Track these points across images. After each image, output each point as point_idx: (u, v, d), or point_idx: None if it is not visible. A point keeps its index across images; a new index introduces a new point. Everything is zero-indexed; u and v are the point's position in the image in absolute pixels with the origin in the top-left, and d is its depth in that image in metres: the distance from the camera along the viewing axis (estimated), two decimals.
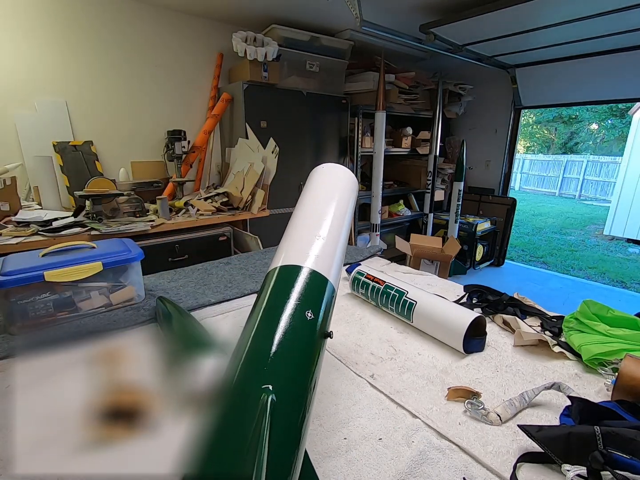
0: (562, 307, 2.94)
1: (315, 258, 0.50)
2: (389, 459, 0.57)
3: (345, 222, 0.60)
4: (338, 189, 0.64)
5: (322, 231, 0.54)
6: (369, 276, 1.13)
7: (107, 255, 1.00)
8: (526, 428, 0.57)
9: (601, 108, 11.90)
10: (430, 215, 3.61)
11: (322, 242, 0.53)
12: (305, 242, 0.52)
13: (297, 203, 0.62)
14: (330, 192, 0.63)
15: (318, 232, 0.54)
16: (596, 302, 0.88)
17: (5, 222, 1.74)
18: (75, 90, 2.20)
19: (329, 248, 0.53)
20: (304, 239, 0.53)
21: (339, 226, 0.58)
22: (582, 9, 2.01)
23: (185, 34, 2.54)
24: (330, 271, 0.51)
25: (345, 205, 0.63)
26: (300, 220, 0.57)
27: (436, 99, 3.31)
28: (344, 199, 0.63)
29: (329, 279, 0.50)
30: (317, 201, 0.60)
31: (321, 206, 0.59)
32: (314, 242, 0.52)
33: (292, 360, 0.39)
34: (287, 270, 0.49)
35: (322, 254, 0.51)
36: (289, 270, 0.49)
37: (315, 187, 0.63)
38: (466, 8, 2.17)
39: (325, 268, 0.50)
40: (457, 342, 0.86)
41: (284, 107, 2.65)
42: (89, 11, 2.16)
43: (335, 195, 0.63)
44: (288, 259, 0.50)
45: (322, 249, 0.52)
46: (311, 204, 0.59)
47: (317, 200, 0.61)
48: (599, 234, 6.48)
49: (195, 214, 2.15)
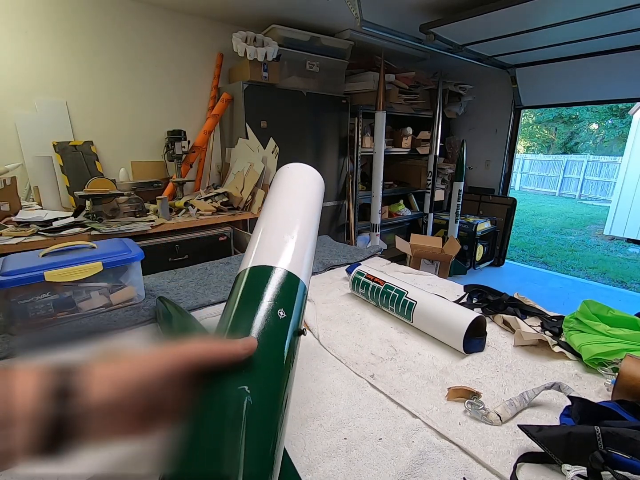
0: (562, 307, 2.93)
1: (286, 258, 0.50)
2: (389, 459, 0.57)
3: (314, 222, 0.60)
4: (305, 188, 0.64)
5: (291, 231, 0.54)
6: (369, 276, 1.13)
7: (107, 255, 1.00)
8: (526, 428, 0.57)
9: (601, 108, 11.91)
10: (430, 215, 3.61)
11: (292, 242, 0.53)
12: (275, 243, 0.52)
13: (264, 203, 0.61)
14: (298, 192, 0.63)
15: (287, 231, 0.54)
16: (596, 302, 0.88)
17: (5, 222, 1.74)
18: (75, 90, 2.21)
19: (300, 247, 0.53)
20: (274, 240, 0.52)
21: (308, 225, 0.57)
22: (582, 9, 2.01)
23: (185, 34, 2.54)
24: (301, 270, 0.51)
25: (313, 204, 0.62)
26: (268, 221, 0.56)
27: (436, 99, 3.31)
28: (311, 199, 0.63)
29: (300, 278, 0.50)
30: (285, 201, 0.60)
31: (289, 206, 0.59)
32: (284, 242, 0.52)
33: (268, 359, 0.39)
34: (258, 271, 0.48)
35: (293, 254, 0.51)
36: (260, 271, 0.48)
37: (282, 187, 0.63)
38: (466, 8, 2.18)
39: (296, 267, 0.50)
40: (457, 342, 0.86)
41: (284, 107, 2.65)
42: (90, 11, 2.16)
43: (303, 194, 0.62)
44: (258, 259, 0.50)
45: (292, 249, 0.52)
46: (279, 205, 0.59)
47: (285, 200, 0.60)
48: (599, 234, 6.48)
49: (195, 214, 2.15)
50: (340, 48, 2.90)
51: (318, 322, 1.04)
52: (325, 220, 3.19)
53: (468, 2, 2.19)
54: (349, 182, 3.23)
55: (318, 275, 1.42)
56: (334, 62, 2.90)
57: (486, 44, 2.70)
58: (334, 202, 3.20)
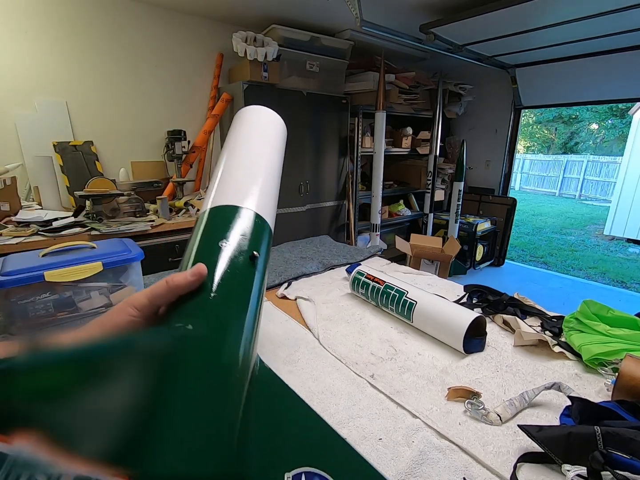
0: (562, 307, 2.93)
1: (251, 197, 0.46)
2: (389, 459, 0.57)
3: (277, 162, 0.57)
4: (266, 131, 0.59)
5: (255, 171, 0.51)
6: (369, 276, 1.13)
7: (107, 256, 1.00)
8: (526, 428, 0.57)
9: (601, 108, 11.90)
10: (430, 215, 3.61)
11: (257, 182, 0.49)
12: (240, 183, 0.48)
13: (224, 145, 0.56)
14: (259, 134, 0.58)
15: (251, 172, 0.50)
16: (596, 302, 0.88)
17: (5, 222, 1.74)
18: (76, 90, 2.21)
19: (265, 188, 0.50)
20: (238, 180, 0.49)
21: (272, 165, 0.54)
22: (582, 9, 2.01)
23: (185, 34, 2.54)
24: (267, 212, 0.47)
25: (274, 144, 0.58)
26: (230, 161, 0.52)
27: (436, 99, 3.31)
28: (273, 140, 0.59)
29: (266, 219, 0.46)
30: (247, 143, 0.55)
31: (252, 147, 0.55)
32: (248, 182, 0.49)
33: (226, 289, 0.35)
34: (221, 211, 0.44)
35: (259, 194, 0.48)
36: (223, 211, 0.44)
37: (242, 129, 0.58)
38: (466, 8, 2.17)
39: (261, 208, 0.46)
40: (457, 342, 0.86)
41: (284, 107, 2.65)
42: (90, 11, 2.16)
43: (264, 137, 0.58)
44: (221, 199, 0.46)
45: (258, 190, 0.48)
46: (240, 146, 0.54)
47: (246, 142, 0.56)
48: (599, 234, 6.48)
49: (196, 214, 2.15)
50: (340, 48, 2.90)
51: (318, 322, 1.04)
52: (325, 220, 3.19)
53: (468, 2, 2.19)
54: (349, 182, 3.23)
55: (318, 275, 1.42)
56: (334, 62, 2.90)
57: (486, 44, 2.70)
58: (334, 202, 3.20)
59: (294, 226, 2.91)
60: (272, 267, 1.44)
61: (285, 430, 0.31)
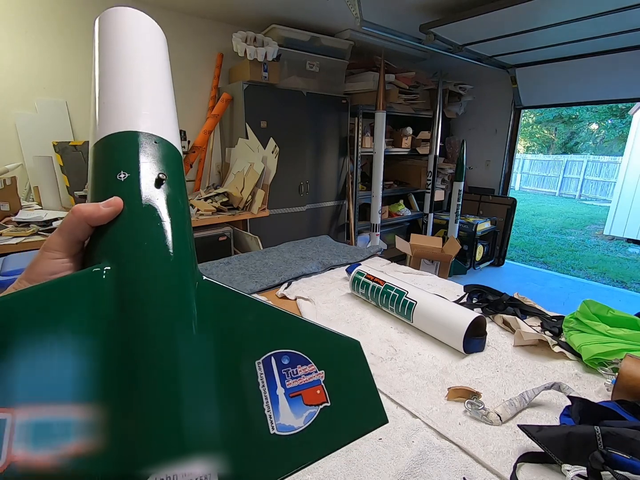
0: (562, 307, 2.94)
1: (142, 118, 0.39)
2: (389, 459, 0.57)
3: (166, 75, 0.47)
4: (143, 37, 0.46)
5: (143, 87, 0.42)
6: (369, 276, 1.13)
7: None
8: (526, 428, 0.57)
9: (601, 108, 11.90)
10: (430, 215, 3.61)
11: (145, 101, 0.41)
12: (125, 105, 0.40)
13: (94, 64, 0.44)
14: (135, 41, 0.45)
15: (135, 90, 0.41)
16: (596, 302, 0.88)
17: (5, 222, 1.74)
18: (75, 90, 2.21)
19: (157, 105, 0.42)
20: (122, 102, 0.40)
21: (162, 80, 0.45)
22: (582, 9, 2.01)
23: (185, 34, 2.54)
24: (164, 130, 0.40)
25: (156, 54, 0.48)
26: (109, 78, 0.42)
27: (436, 99, 3.31)
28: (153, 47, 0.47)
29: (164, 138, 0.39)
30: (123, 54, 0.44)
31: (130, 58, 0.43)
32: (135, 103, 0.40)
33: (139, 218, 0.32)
34: (110, 141, 0.37)
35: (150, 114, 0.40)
36: (111, 140, 0.37)
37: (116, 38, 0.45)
38: (466, 8, 2.18)
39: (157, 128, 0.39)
40: (457, 342, 0.86)
41: (284, 107, 2.65)
42: (90, 11, 2.16)
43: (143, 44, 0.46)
44: (107, 128, 0.38)
45: (148, 109, 0.40)
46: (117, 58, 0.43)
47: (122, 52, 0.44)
48: (599, 234, 6.48)
49: (195, 214, 2.15)
50: (340, 48, 2.90)
51: (318, 322, 1.04)
52: (325, 220, 3.19)
53: (468, 2, 2.19)
54: (349, 182, 3.24)
55: (318, 275, 1.42)
56: (333, 62, 2.90)
57: (486, 44, 2.70)
58: (334, 202, 3.20)
59: (294, 226, 2.91)
60: (272, 267, 1.44)
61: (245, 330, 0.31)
